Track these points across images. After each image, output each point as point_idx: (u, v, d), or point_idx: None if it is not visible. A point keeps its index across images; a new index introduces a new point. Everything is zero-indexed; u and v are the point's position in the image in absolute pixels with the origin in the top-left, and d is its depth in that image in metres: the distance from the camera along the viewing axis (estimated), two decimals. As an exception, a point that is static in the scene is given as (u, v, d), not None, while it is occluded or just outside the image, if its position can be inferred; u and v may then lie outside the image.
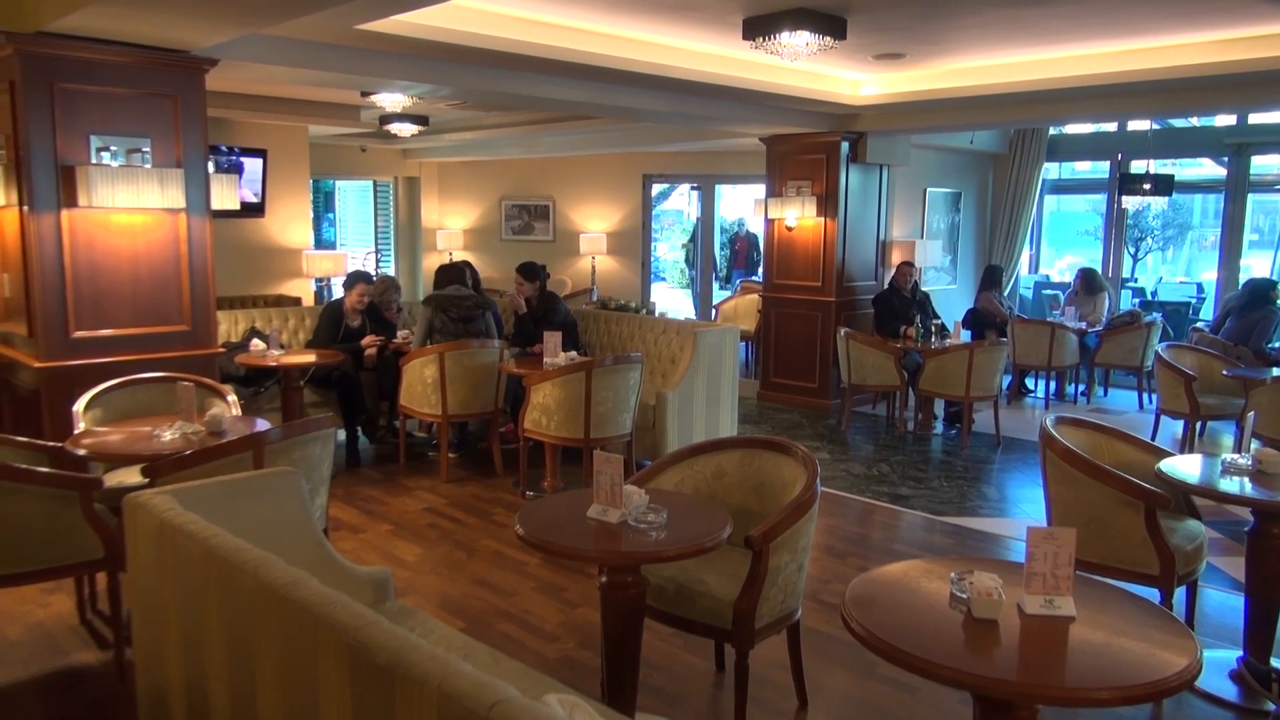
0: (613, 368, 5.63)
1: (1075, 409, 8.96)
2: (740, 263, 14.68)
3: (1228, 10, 5.22)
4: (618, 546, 2.83)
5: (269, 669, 2.04)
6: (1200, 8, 5.18)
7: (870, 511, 5.85)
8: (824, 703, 3.43)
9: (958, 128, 9.31)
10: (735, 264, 14.66)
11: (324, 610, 1.85)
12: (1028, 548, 2.34)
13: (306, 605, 1.89)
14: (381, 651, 1.68)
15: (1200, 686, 3.49)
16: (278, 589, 1.97)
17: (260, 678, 2.08)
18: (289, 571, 2.03)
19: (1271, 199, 13.40)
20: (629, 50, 5.97)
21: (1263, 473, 3.55)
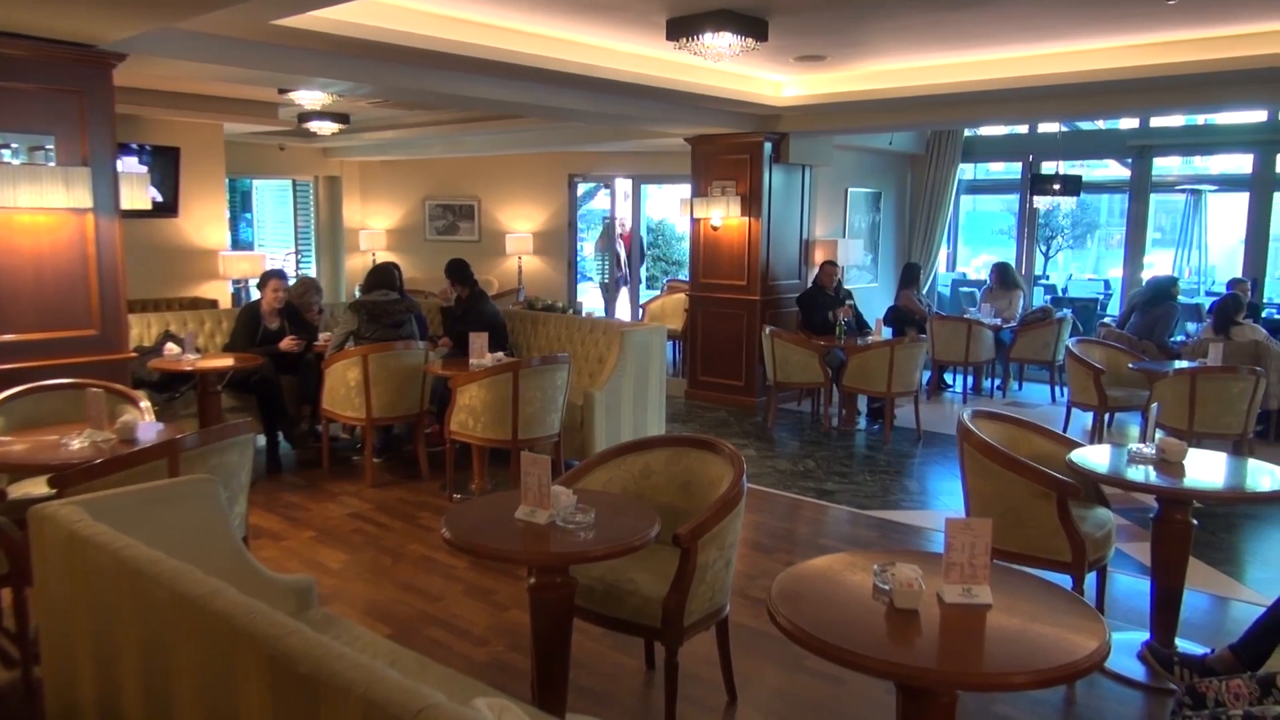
0: (540, 368, 5.60)
1: (991, 403, 9.24)
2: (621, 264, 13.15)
3: (1130, 17, 5.44)
4: (546, 547, 2.83)
5: (186, 683, 1.99)
6: (1105, 15, 5.38)
7: (797, 507, 5.93)
8: (753, 697, 3.47)
9: (877, 129, 9.51)
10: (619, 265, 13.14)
11: (243, 620, 1.80)
12: (946, 539, 2.41)
13: (225, 616, 1.84)
14: (303, 661, 1.65)
15: (1110, 667, 3.62)
16: (195, 600, 1.92)
17: (177, 692, 2.02)
18: (206, 582, 1.97)
19: (1172, 199, 13.98)
20: (553, 49, 5.96)
21: (1166, 461, 3.70)
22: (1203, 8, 5.14)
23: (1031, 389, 9.93)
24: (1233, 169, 11.18)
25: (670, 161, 10.45)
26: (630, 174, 12.24)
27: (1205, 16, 5.36)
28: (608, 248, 12.74)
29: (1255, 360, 6.94)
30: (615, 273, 12.56)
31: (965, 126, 10.44)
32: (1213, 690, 2.36)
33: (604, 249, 12.97)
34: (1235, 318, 7.41)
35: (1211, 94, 6.64)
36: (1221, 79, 6.18)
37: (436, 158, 12.18)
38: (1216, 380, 6.40)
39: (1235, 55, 5.77)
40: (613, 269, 12.39)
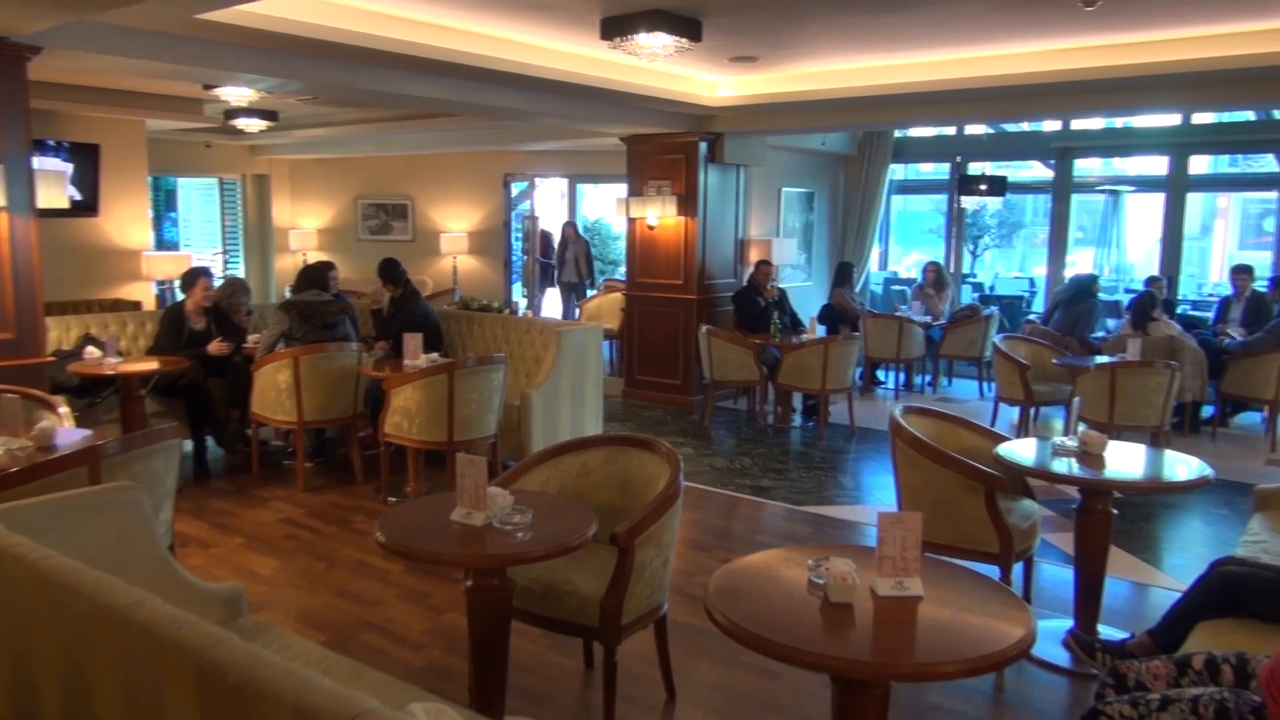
0: (476, 369, 5.56)
1: (922, 399, 9.42)
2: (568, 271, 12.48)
3: (1052, 23, 5.60)
4: (483, 549, 2.81)
5: (110, 698, 1.93)
6: (1027, 20, 5.53)
7: (733, 504, 5.98)
8: (692, 694, 3.49)
9: (809, 129, 9.64)
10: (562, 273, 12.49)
11: (169, 631, 1.75)
12: (879, 532, 2.45)
13: (150, 627, 1.79)
14: (232, 671, 1.61)
15: (1036, 655, 3.73)
16: (118, 611, 1.86)
17: (100, 708, 1.95)
18: (130, 592, 1.92)
19: (1093, 199, 14.42)
20: (486, 47, 5.91)
21: (1087, 453, 3.82)
22: (1120, 14, 5.31)
23: (961, 385, 10.15)
24: (1149, 171, 11.57)
25: (606, 161, 10.45)
26: (566, 173, 12.23)
27: (1123, 22, 5.55)
28: (530, 249, 12.63)
29: (1171, 355, 7.20)
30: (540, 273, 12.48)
31: (895, 128, 10.63)
32: (1133, 672, 2.44)
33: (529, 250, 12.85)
34: (1152, 314, 7.68)
35: (1128, 98, 6.88)
36: (1138, 83, 6.40)
37: (369, 156, 12.00)
38: (1135, 375, 6.63)
39: (1151, 60, 5.98)
40: (532, 269, 12.22)
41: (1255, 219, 16.22)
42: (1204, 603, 3.00)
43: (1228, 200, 16.68)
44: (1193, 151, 10.16)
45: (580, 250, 12.43)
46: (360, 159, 12.19)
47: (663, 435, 7.05)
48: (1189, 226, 10.36)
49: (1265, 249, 12.43)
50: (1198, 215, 15.37)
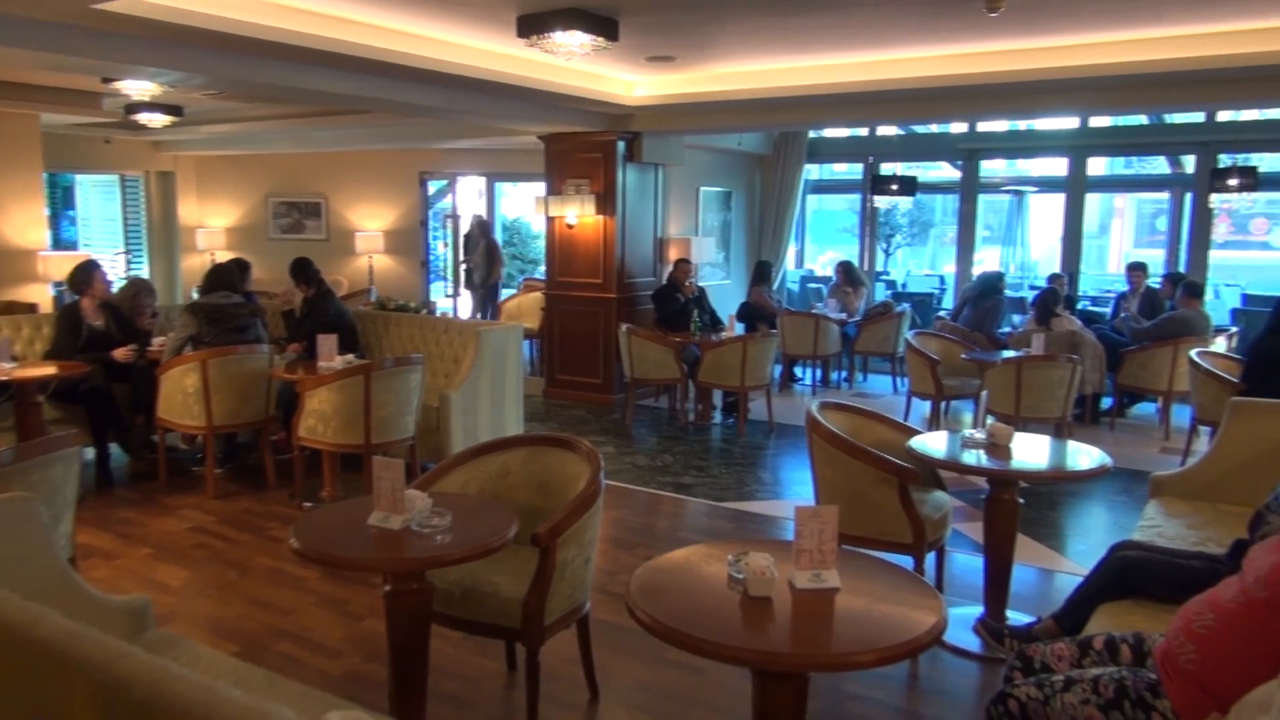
0: (393, 370, 5.47)
1: (838, 394, 9.61)
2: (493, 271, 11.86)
3: (958, 28, 5.76)
4: (401, 553, 2.77)
5: (9, 718, 1.84)
6: (935, 25, 5.69)
7: (655, 502, 6.01)
8: (615, 692, 3.50)
9: (726, 129, 9.74)
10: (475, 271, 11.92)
11: (70, 647, 1.69)
12: (796, 526, 2.49)
13: (49, 643, 1.72)
14: (138, 686, 1.56)
15: (948, 641, 3.85)
16: (14, 629, 1.78)
17: (-5, 728, 1.87)
18: (27, 608, 1.83)
19: (998, 199, 14.90)
20: (400, 43, 5.82)
21: (995, 445, 3.95)
22: (1021, 21, 5.50)
23: (875, 380, 10.39)
24: (1050, 172, 12.02)
25: (525, 159, 10.38)
26: (484, 171, 12.11)
27: (1024, 29, 5.75)
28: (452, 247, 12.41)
29: (1072, 349, 7.49)
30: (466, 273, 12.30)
31: (809, 128, 10.81)
32: (1039, 655, 2.53)
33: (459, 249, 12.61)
34: (1054, 309, 7.97)
35: (1030, 101, 7.15)
36: (1038, 87, 6.64)
37: (280, 153, 11.69)
38: (1039, 368, 6.87)
39: (1050, 66, 6.21)
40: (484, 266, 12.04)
41: (1149, 218, 17.00)
42: (1103, 586, 3.14)
43: (1124, 200, 17.45)
44: (1090, 154, 10.58)
45: (485, 251, 11.87)
46: (271, 156, 11.87)
47: (584, 434, 7.05)
48: (1088, 225, 10.80)
49: (1159, 247, 13.03)
50: (1096, 215, 16.07)
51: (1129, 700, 2.16)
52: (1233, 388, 5.99)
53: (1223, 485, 4.10)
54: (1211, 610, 2.14)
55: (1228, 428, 4.24)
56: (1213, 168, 9.10)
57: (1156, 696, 2.14)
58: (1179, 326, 7.74)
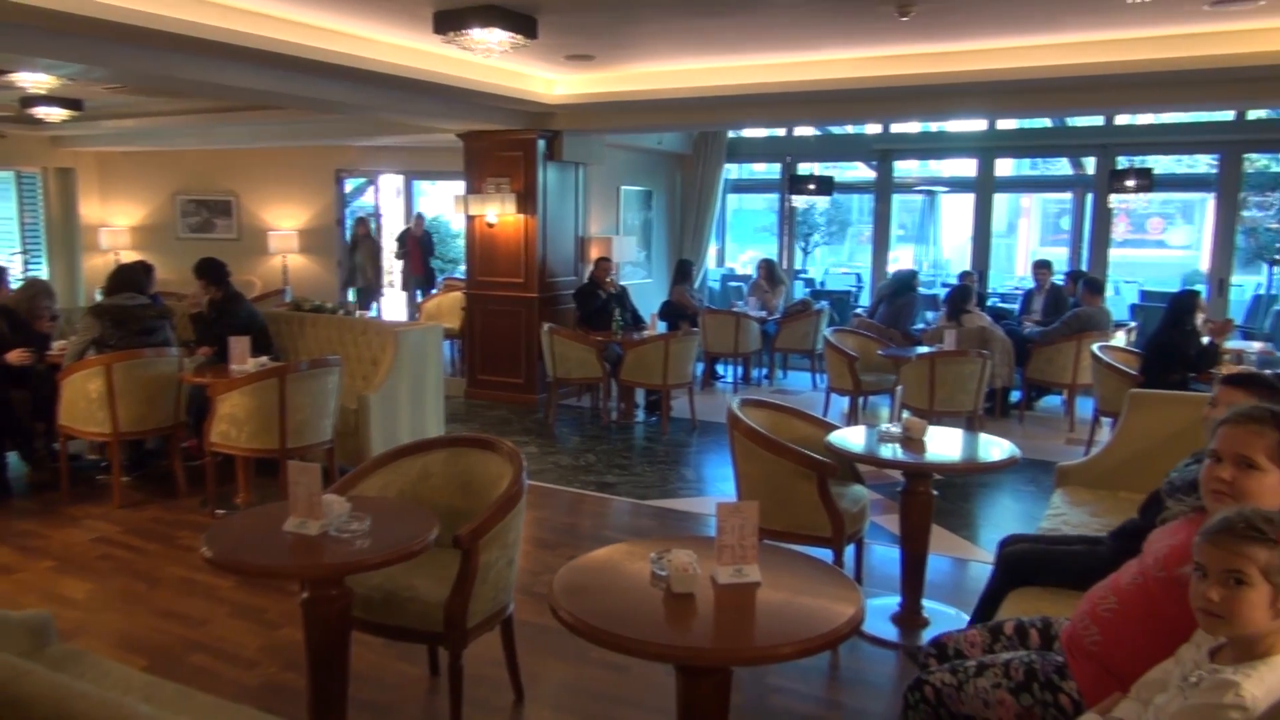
0: (309, 372, 5.35)
1: (759, 391, 9.74)
2: (417, 268, 12.04)
3: (871, 32, 5.89)
4: (319, 559, 2.71)
5: (-107, 743, 1.75)
6: (847, 28, 5.80)
7: (579, 501, 6.01)
8: (540, 693, 3.48)
9: (645, 129, 9.78)
10: (412, 269, 12.08)
11: (-37, 666, 1.61)
12: (718, 522, 2.52)
13: (-60, 663, 1.63)
14: (40, 705, 1.49)
15: (868, 631, 3.93)
16: (-99, 648, 1.69)
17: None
18: (-85, 627, 1.74)
19: (912, 199, 15.28)
20: (313, 38, 5.69)
21: (910, 438, 4.05)
22: (931, 26, 5.65)
23: (795, 376, 10.54)
24: (961, 172, 12.37)
25: (444, 157, 10.24)
26: (402, 169, 11.92)
27: (934, 34, 5.90)
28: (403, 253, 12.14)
29: (982, 344, 7.72)
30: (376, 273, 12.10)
31: (728, 128, 10.92)
32: (953, 641, 2.61)
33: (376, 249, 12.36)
34: (965, 306, 8.21)
35: (940, 104, 7.35)
36: (948, 90, 6.84)
37: (188, 149, 11.32)
38: (951, 364, 7.07)
39: (959, 69, 6.40)
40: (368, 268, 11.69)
41: (1054, 218, 17.63)
42: (1001, 583, 3.25)
43: (1030, 200, 18.05)
44: (998, 155, 10.92)
45: (368, 252, 11.60)
46: (179, 152, 11.48)
47: (507, 435, 7.00)
48: (996, 225, 11.15)
49: (1063, 245, 13.51)
50: (1004, 214, 16.59)
51: (1038, 682, 2.24)
52: (1132, 380, 6.26)
53: (1123, 473, 4.28)
54: (1113, 593, 2.23)
55: (1127, 418, 4.42)
56: (1111, 169, 9.49)
57: (1063, 678, 2.22)
58: (1082, 322, 8.05)
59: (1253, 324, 10.70)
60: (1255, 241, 12.81)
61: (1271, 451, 2.08)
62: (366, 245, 11.63)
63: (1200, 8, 5.08)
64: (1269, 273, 12.88)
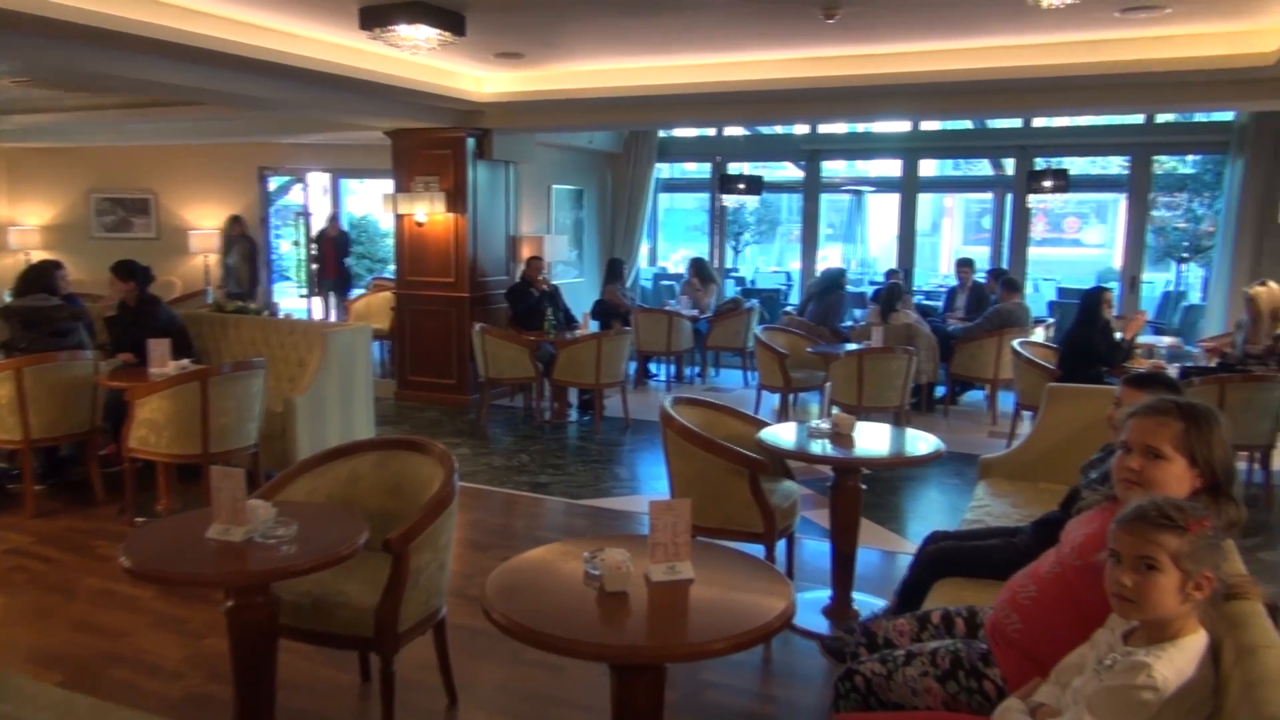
0: (232, 375, 5.23)
1: (692, 389, 9.80)
2: (330, 270, 11.50)
3: (798, 34, 5.97)
4: (243, 566, 2.65)
5: None
6: (776, 30, 5.87)
7: (512, 502, 5.97)
8: (474, 696, 3.45)
9: (576, 128, 9.76)
10: (325, 271, 11.54)
11: None
12: (650, 520, 2.53)
13: None
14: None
15: (799, 624, 3.98)
16: None
17: None
18: None
19: (839, 198, 15.53)
20: (235, 32, 5.54)
21: (839, 434, 4.12)
22: (857, 29, 5.75)
23: (727, 374, 10.63)
24: (886, 173, 12.61)
25: (372, 155, 10.07)
26: (329, 167, 11.70)
27: (860, 36, 6.01)
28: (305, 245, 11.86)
29: (908, 341, 7.89)
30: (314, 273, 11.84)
31: (658, 128, 10.96)
32: (882, 630, 2.66)
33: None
34: (896, 304, 8.38)
35: (865, 105, 7.50)
36: (873, 92, 6.97)
37: (104, 146, 10.95)
38: (879, 360, 7.21)
39: (884, 72, 6.52)
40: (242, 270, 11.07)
41: (976, 217, 18.09)
42: (924, 577, 3.33)
43: (953, 200, 18.50)
44: (922, 156, 11.17)
45: (244, 253, 10.92)
46: (94, 149, 11.10)
47: (438, 436, 6.93)
48: (921, 224, 11.40)
49: (984, 244, 13.85)
50: (928, 214, 16.97)
51: (963, 670, 2.30)
52: (1050, 374, 6.45)
53: (1043, 465, 4.41)
54: (1033, 582, 2.30)
55: (1046, 411, 4.56)
56: (1029, 170, 9.78)
57: (988, 665, 2.28)
58: (1002, 319, 8.27)
59: (1163, 319, 11.13)
60: (1164, 240, 13.31)
61: (1176, 441, 2.17)
62: (242, 246, 10.88)
63: (1111, 14, 5.27)
64: (1177, 270, 13.42)
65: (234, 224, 10.96)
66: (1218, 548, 1.81)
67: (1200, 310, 10.19)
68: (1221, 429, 2.20)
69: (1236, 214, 8.92)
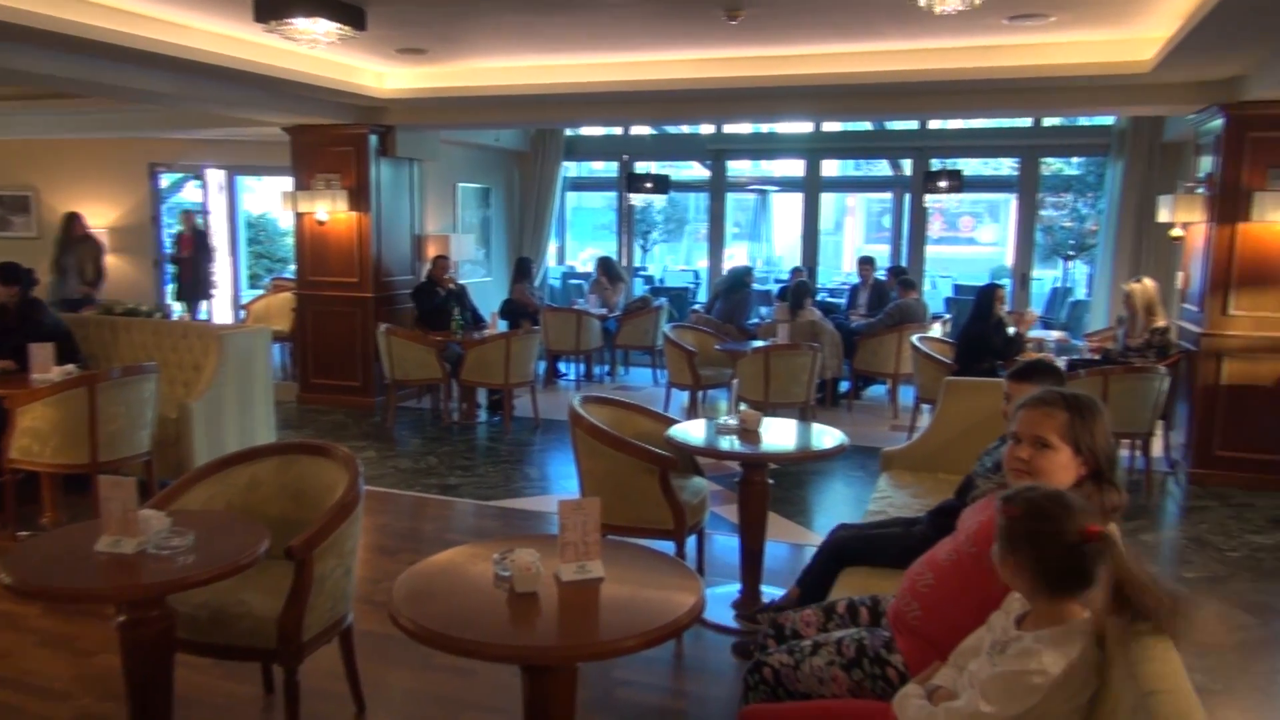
0: (122, 380, 5.01)
1: (601, 388, 9.81)
2: (187, 274, 10.69)
3: (702, 34, 6.03)
4: (136, 579, 2.55)
5: None
6: (680, 29, 5.92)
7: (421, 505, 5.88)
8: (383, 703, 3.39)
9: (481, 125, 9.66)
10: (182, 275, 10.74)
11: None
12: (560, 519, 2.53)
13: None
14: None
15: (709, 619, 4.03)
16: None
17: None
18: None
19: (745, 197, 15.76)
20: (121, 22, 5.30)
21: (746, 430, 4.19)
22: (760, 31, 5.84)
23: (637, 373, 10.68)
24: (790, 172, 12.86)
25: (271, 151, 9.76)
26: (225, 164, 11.30)
27: (762, 38, 6.10)
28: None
29: (813, 337, 8.06)
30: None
31: (564, 126, 10.93)
32: (790, 622, 2.71)
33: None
34: (804, 301, 8.55)
35: (769, 105, 7.62)
36: (776, 93, 7.09)
37: (-24, 140, 10.35)
38: (785, 357, 7.34)
39: (786, 73, 6.63)
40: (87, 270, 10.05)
41: (877, 216, 18.60)
42: (828, 568, 3.41)
43: (855, 200, 18.97)
44: (824, 156, 11.42)
45: (88, 253, 9.76)
46: (-36, 143, 10.48)
47: (343, 440, 6.78)
48: (824, 223, 11.65)
49: (885, 242, 14.25)
50: (831, 213, 17.37)
51: (868, 658, 2.36)
52: (947, 369, 6.68)
53: (942, 456, 4.56)
54: (931, 570, 2.38)
55: (944, 404, 4.72)
56: (926, 171, 10.10)
57: (890, 652, 2.35)
58: (902, 315, 8.52)
59: (1051, 314, 11.62)
60: (1052, 239, 13.92)
61: (1062, 431, 2.27)
62: (85, 246, 9.77)
63: (999, 21, 5.47)
64: (1064, 267, 14.04)
65: (72, 222, 9.78)
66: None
67: (1086, 305, 10.68)
68: (1103, 418, 2.32)
69: (1117, 213, 9.38)
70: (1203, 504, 6.02)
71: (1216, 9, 4.27)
